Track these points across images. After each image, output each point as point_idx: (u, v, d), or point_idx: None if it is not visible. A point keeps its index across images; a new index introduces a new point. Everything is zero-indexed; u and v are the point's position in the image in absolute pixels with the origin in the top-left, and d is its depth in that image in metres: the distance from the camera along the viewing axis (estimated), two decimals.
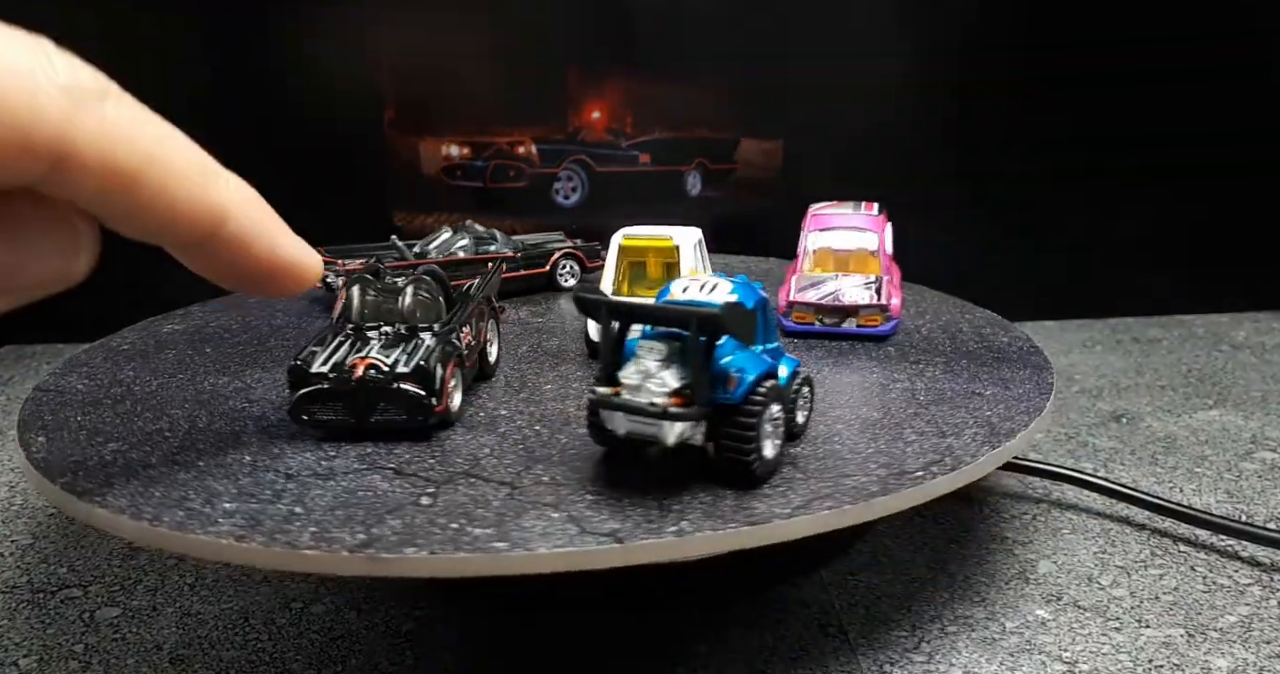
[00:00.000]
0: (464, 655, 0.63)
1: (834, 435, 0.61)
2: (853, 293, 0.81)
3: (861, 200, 0.92)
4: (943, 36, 1.29)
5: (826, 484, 0.54)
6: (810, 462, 0.57)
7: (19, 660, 0.63)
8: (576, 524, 0.50)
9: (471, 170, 1.31)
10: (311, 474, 0.57)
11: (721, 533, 0.49)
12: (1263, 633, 0.65)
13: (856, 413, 0.65)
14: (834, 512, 0.51)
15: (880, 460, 0.57)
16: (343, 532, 0.49)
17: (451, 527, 0.50)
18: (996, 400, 0.67)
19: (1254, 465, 0.91)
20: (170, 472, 0.57)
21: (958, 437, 0.61)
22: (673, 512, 0.51)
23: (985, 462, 0.57)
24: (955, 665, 0.62)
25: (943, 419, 0.64)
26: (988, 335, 0.83)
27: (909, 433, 0.62)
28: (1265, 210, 1.39)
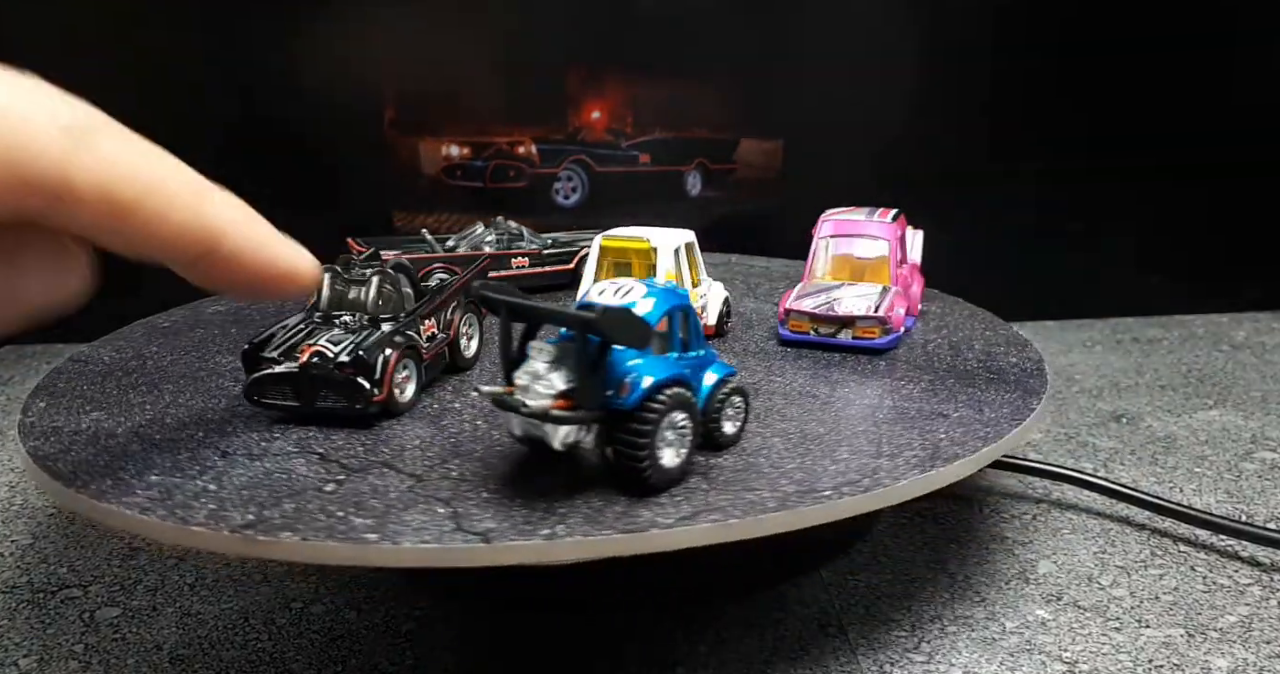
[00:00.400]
0: (464, 655, 0.63)
1: (765, 448, 0.59)
2: (850, 303, 0.78)
3: (876, 205, 0.88)
4: (943, 36, 1.29)
5: (726, 497, 0.53)
6: (724, 473, 0.56)
7: (19, 660, 0.63)
8: (455, 521, 0.50)
9: (471, 170, 1.31)
10: (245, 454, 0.59)
11: (590, 539, 0.48)
12: (1263, 633, 0.65)
13: (802, 427, 0.63)
14: (717, 526, 0.50)
15: (796, 477, 0.55)
16: (236, 512, 0.51)
17: (337, 514, 0.51)
18: (960, 423, 0.63)
19: (1254, 465, 0.91)
20: (127, 442, 0.61)
21: (893, 458, 0.57)
22: (556, 515, 0.50)
23: (906, 486, 0.54)
24: (955, 665, 0.62)
25: (890, 439, 0.61)
26: (997, 354, 0.78)
27: (843, 451, 0.59)
28: (1265, 210, 1.39)
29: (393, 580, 0.72)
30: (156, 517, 0.51)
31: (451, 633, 0.66)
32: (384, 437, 0.62)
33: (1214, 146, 1.35)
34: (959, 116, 1.31)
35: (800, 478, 0.55)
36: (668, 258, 0.75)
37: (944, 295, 0.96)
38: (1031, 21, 1.30)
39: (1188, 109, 1.33)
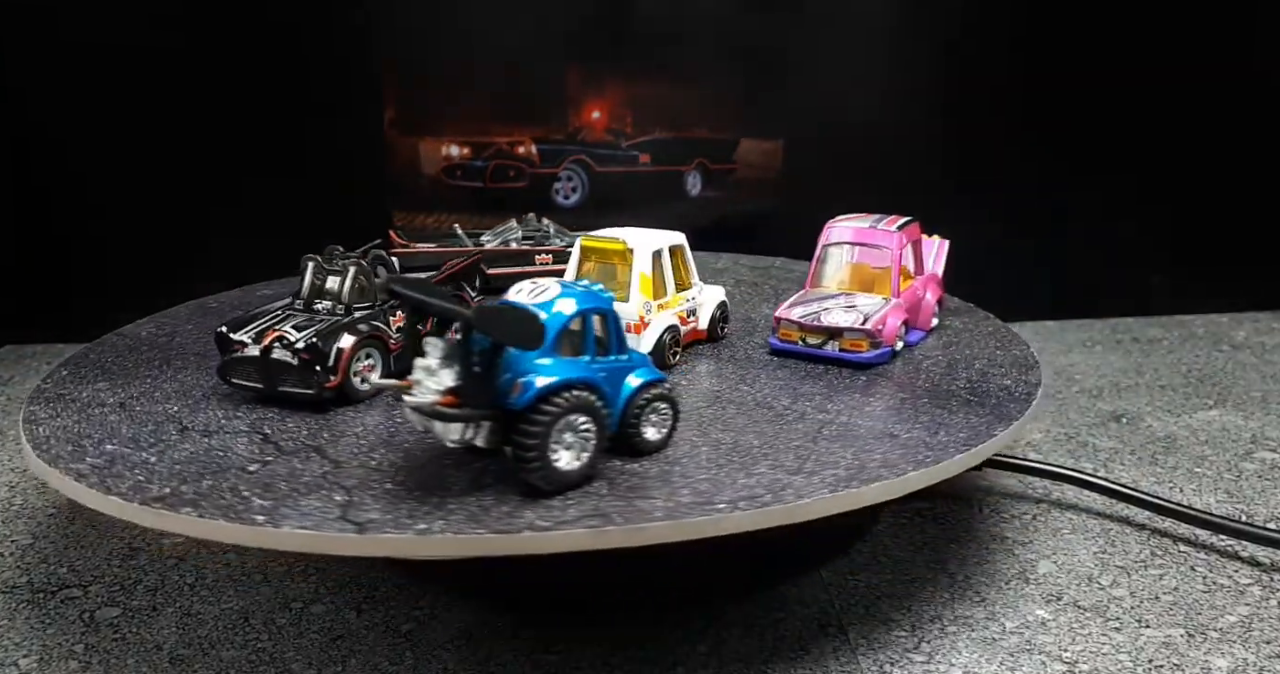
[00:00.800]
0: (464, 655, 0.63)
1: (689, 457, 0.59)
2: (838, 314, 0.75)
3: (887, 211, 0.86)
4: (943, 36, 1.29)
5: (619, 504, 0.52)
6: (631, 479, 0.56)
7: (19, 660, 0.63)
8: (344, 509, 0.52)
9: (471, 170, 1.30)
10: (201, 430, 0.63)
11: (460, 537, 0.49)
12: (1263, 633, 0.65)
13: (739, 438, 0.61)
14: (592, 532, 0.50)
15: (700, 488, 0.54)
16: (157, 485, 0.54)
17: (243, 494, 0.53)
18: (904, 445, 0.60)
19: (1254, 465, 0.91)
20: (108, 412, 0.66)
21: (810, 476, 0.56)
22: (443, 511, 0.51)
23: (806, 505, 0.53)
24: (955, 665, 0.62)
25: (821, 456, 0.59)
26: (993, 376, 0.73)
27: (765, 465, 0.57)
28: (1265, 210, 1.39)
29: (393, 580, 0.72)
30: (87, 484, 0.55)
31: (451, 633, 0.66)
32: (333, 422, 0.64)
33: (1215, 146, 1.35)
34: (959, 116, 1.31)
35: (704, 489, 0.54)
36: (644, 260, 0.74)
37: (974, 310, 0.92)
38: (1032, 21, 1.30)
39: (1188, 109, 1.33)
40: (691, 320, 0.79)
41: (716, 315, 0.81)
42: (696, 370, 0.75)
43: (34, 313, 1.28)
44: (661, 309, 0.75)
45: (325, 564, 0.74)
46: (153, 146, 1.24)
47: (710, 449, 0.60)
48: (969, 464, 0.60)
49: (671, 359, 0.75)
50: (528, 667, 0.62)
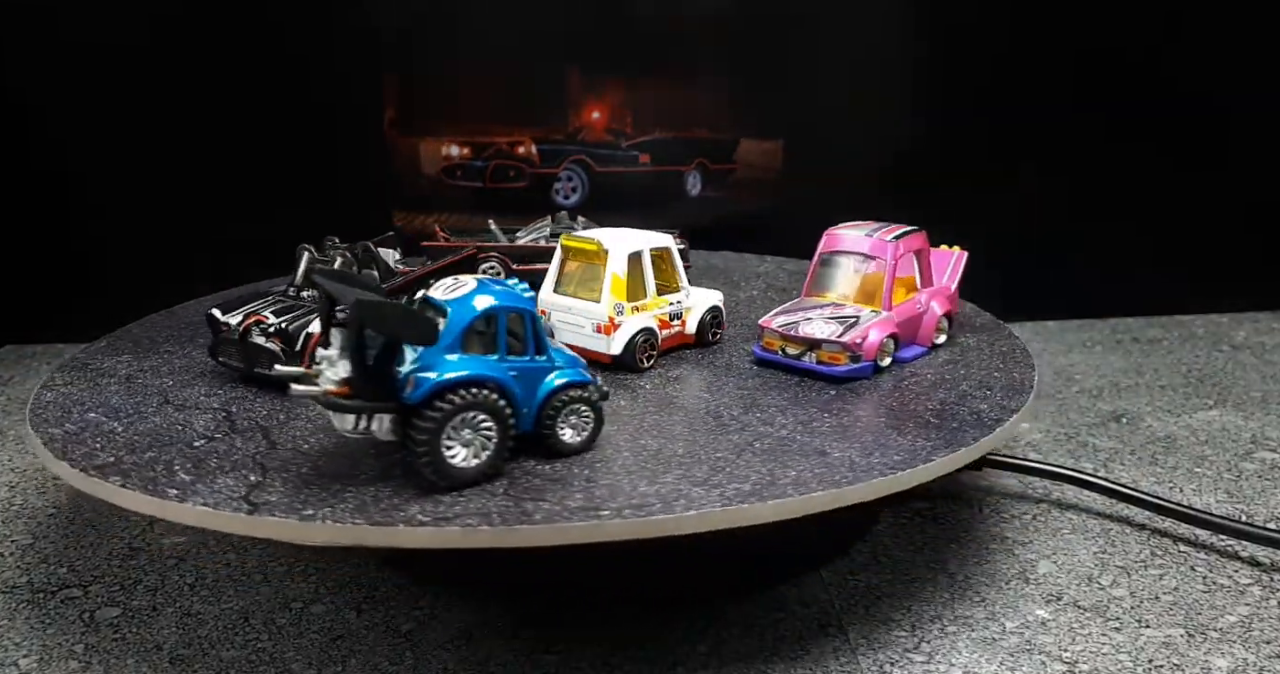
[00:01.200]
0: (464, 655, 0.63)
1: (605, 461, 0.59)
2: (817, 325, 0.73)
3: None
4: (942, 36, 1.29)
5: (506, 504, 0.53)
6: (534, 480, 0.56)
7: (19, 660, 0.63)
8: (251, 490, 0.55)
9: (471, 170, 1.30)
10: (178, 405, 0.68)
11: (338, 526, 0.51)
12: (1263, 633, 0.65)
13: (667, 446, 0.61)
14: (464, 530, 0.51)
15: (596, 493, 0.54)
16: (108, 453, 0.60)
17: (174, 468, 0.58)
18: (829, 464, 0.58)
19: (1254, 465, 0.91)
20: (110, 383, 0.73)
21: (712, 489, 0.55)
22: (337, 499, 0.53)
23: (690, 518, 0.52)
24: (955, 665, 0.62)
25: (738, 468, 0.58)
26: (972, 398, 0.69)
27: (673, 475, 0.57)
28: (1265, 210, 1.39)
29: (393, 580, 0.72)
30: (51, 447, 0.61)
31: (451, 633, 0.66)
32: (294, 405, 0.67)
33: (1215, 146, 1.35)
34: (959, 116, 1.31)
35: (600, 495, 0.54)
36: (618, 262, 0.73)
37: (998, 327, 0.86)
38: (1032, 20, 1.30)
39: (1188, 109, 1.33)
40: (676, 324, 0.78)
41: (707, 320, 0.80)
42: (667, 375, 0.75)
43: (34, 313, 1.28)
44: (638, 311, 0.75)
45: (325, 564, 0.74)
46: (153, 147, 1.24)
47: (631, 455, 0.60)
48: (888, 489, 0.57)
49: (644, 362, 0.75)
50: (528, 667, 0.62)
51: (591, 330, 0.75)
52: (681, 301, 0.79)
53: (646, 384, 0.73)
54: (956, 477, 0.86)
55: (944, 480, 0.86)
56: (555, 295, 0.77)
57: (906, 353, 0.77)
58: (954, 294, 0.84)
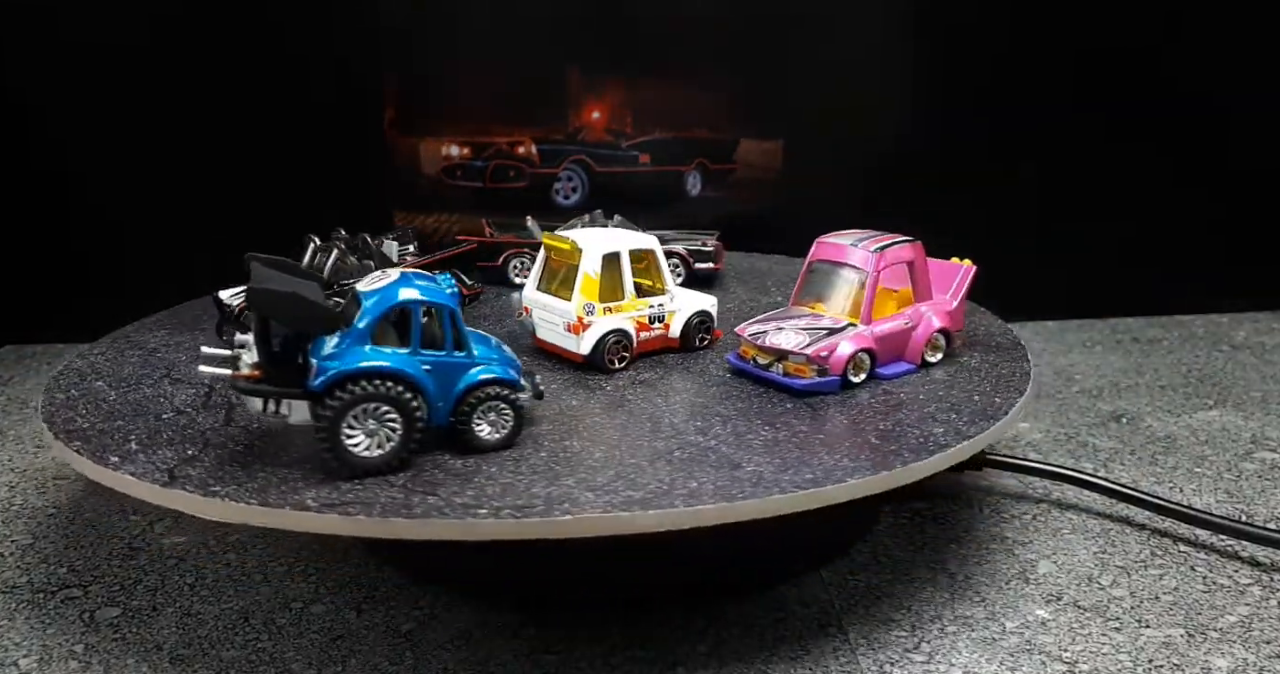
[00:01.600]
0: (464, 655, 0.63)
1: (515, 460, 0.60)
2: (786, 336, 0.71)
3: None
4: (942, 36, 1.29)
5: (394, 495, 0.55)
6: (438, 475, 0.58)
7: (19, 660, 0.63)
8: (181, 463, 0.59)
9: (471, 170, 1.30)
10: (175, 379, 0.74)
11: (226, 503, 0.54)
12: (1263, 633, 0.65)
13: (587, 448, 0.61)
14: (344, 519, 0.52)
15: (489, 491, 0.55)
16: (83, 418, 0.66)
17: (129, 438, 0.63)
18: (734, 478, 0.57)
19: (1254, 465, 0.91)
20: (136, 355, 0.79)
21: (602, 494, 0.55)
22: (251, 479, 0.57)
23: (566, 522, 0.53)
24: (955, 665, 0.62)
25: (639, 477, 0.57)
26: (930, 422, 0.65)
27: (574, 479, 0.57)
28: (1265, 210, 1.39)
29: (393, 580, 0.72)
30: (43, 413, 0.67)
31: (451, 633, 0.66)
32: None
33: (1215, 146, 1.35)
34: (959, 116, 1.31)
35: (490, 493, 0.55)
36: (592, 262, 0.73)
37: (1013, 348, 0.81)
38: (1032, 20, 1.30)
39: (1188, 109, 1.33)
40: (657, 327, 0.77)
41: (694, 324, 0.78)
42: (636, 378, 0.74)
43: (34, 313, 1.28)
44: (611, 312, 0.74)
45: (325, 564, 0.74)
46: (153, 147, 1.24)
47: (548, 455, 0.60)
48: (783, 508, 0.55)
49: (615, 364, 0.75)
50: (528, 667, 0.62)
51: (563, 329, 0.75)
52: (664, 304, 0.77)
53: (609, 386, 0.73)
54: (957, 477, 0.86)
55: (944, 481, 0.86)
56: (536, 293, 0.78)
57: (889, 369, 0.74)
58: (956, 310, 0.79)
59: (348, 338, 0.57)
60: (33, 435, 0.99)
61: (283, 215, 1.24)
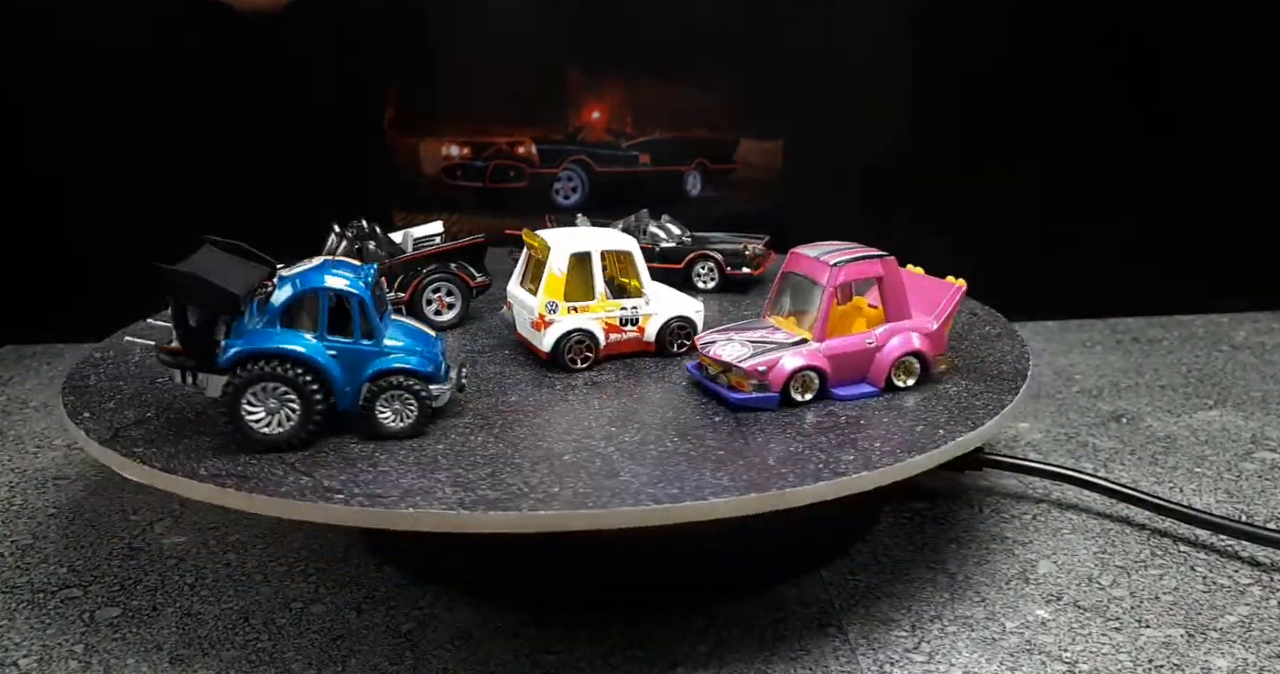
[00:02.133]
0: (464, 655, 0.63)
1: (418, 449, 0.61)
2: (732, 347, 0.69)
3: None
4: (942, 36, 1.29)
5: (279, 472, 0.58)
6: (330, 456, 0.61)
7: (19, 660, 0.63)
8: (125, 425, 0.65)
9: (471, 170, 1.30)
10: None
11: (136, 465, 0.59)
12: (1263, 633, 0.65)
13: (489, 446, 0.62)
14: (214, 488, 0.56)
15: (362, 478, 0.57)
16: (92, 379, 0.74)
17: (109, 399, 0.70)
18: (601, 486, 0.57)
19: (1254, 465, 0.91)
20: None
21: (460, 490, 0.56)
22: (174, 445, 0.62)
23: (409, 514, 0.54)
24: (955, 665, 0.62)
25: (510, 477, 0.58)
26: (847, 447, 0.62)
27: (446, 474, 0.58)
28: (1265, 210, 1.39)
29: (393, 580, 0.72)
30: (69, 370, 0.75)
31: (451, 633, 0.66)
32: None
33: (1215, 146, 1.35)
34: (959, 116, 1.31)
35: (362, 480, 0.57)
36: (559, 260, 0.73)
37: (1013, 377, 0.73)
38: (1031, 22, 1.30)
39: (1188, 109, 1.33)
40: (630, 330, 0.76)
41: (672, 328, 0.77)
42: (594, 379, 0.74)
43: (34, 313, 1.28)
44: (576, 312, 0.74)
45: (325, 564, 0.74)
46: (153, 147, 1.24)
47: (446, 448, 0.61)
48: (624, 522, 0.54)
49: (577, 363, 0.75)
50: (528, 667, 0.62)
51: (528, 325, 0.76)
52: (639, 307, 0.76)
53: (560, 384, 0.73)
54: (957, 477, 0.86)
55: (944, 481, 0.86)
56: (517, 288, 0.79)
57: (845, 390, 0.69)
58: (937, 333, 0.72)
59: (263, 319, 0.61)
60: (33, 435, 0.99)
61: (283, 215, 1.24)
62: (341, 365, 0.61)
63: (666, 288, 0.83)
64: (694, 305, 0.79)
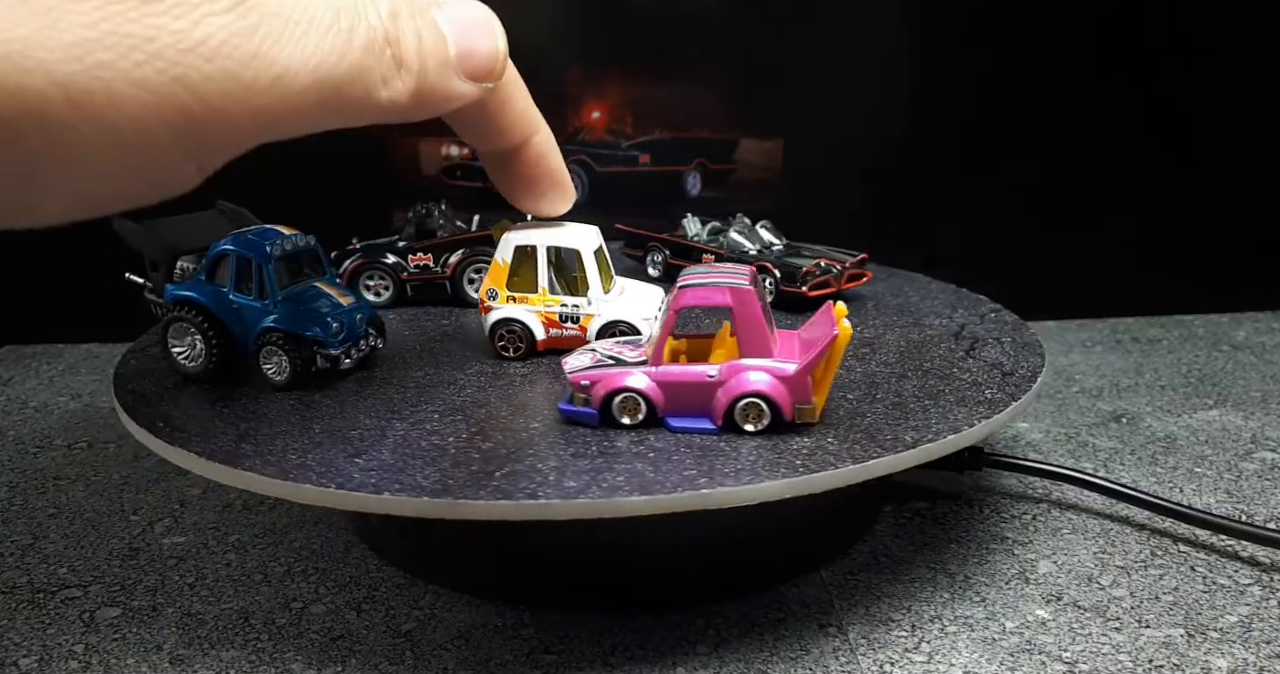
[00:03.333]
0: (464, 655, 0.63)
1: (271, 407, 0.67)
2: (577, 356, 0.66)
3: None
4: (943, 36, 1.29)
5: (172, 410, 0.67)
6: (222, 406, 0.68)
7: (19, 660, 0.63)
8: (152, 393, 0.71)
9: (471, 170, 1.30)
10: None
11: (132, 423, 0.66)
12: (1263, 633, 0.65)
13: (336, 415, 0.65)
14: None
15: (209, 427, 0.63)
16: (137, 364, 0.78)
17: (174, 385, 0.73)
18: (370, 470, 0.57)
19: (1254, 465, 0.91)
20: None
21: (280, 458, 0.58)
22: (166, 409, 0.67)
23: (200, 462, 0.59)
24: (955, 665, 0.62)
25: (311, 453, 0.59)
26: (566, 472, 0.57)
27: (283, 442, 0.61)
28: (1265, 211, 1.39)
29: (393, 580, 0.72)
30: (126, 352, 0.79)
31: (451, 633, 0.66)
32: None
33: (1215, 146, 1.35)
34: (959, 116, 1.31)
35: (210, 430, 0.63)
36: (504, 250, 0.75)
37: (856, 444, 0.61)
38: (1031, 23, 1.30)
39: (1188, 109, 1.33)
40: (570, 327, 0.76)
41: (612, 330, 0.76)
42: (519, 370, 0.74)
43: (34, 313, 1.28)
44: (515, 302, 0.75)
45: (325, 564, 0.74)
46: None
47: (290, 415, 0.65)
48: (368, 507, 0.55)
49: (507, 352, 0.76)
50: (528, 667, 0.62)
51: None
52: (580, 306, 0.76)
53: (475, 368, 0.74)
54: (957, 477, 0.86)
55: (944, 481, 0.86)
56: None
57: (680, 421, 0.63)
58: (796, 378, 0.61)
59: (200, 272, 0.72)
60: (33, 435, 0.99)
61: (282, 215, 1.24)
62: (244, 317, 0.71)
63: (645, 289, 0.81)
64: (641, 311, 0.76)
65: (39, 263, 1.28)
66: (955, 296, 0.93)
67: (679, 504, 0.54)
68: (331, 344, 0.70)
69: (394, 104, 0.44)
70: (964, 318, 0.86)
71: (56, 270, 1.28)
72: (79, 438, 0.98)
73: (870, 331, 0.82)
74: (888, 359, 0.76)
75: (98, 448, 0.96)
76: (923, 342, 0.80)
